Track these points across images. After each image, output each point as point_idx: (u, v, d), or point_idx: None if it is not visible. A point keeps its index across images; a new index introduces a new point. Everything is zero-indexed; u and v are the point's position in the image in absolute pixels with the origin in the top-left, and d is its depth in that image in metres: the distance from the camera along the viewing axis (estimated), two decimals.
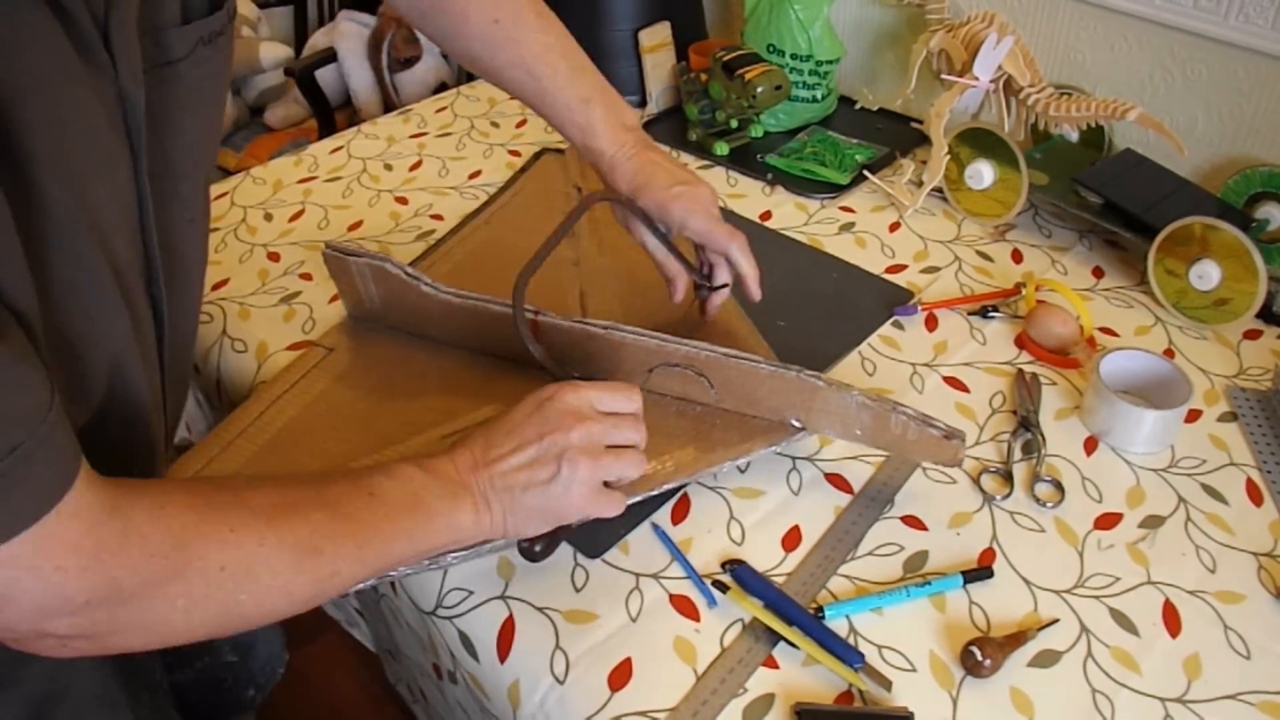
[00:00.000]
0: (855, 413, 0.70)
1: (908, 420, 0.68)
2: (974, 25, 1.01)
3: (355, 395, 0.81)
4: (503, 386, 0.80)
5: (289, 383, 0.82)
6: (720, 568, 0.67)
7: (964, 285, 0.94)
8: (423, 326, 0.85)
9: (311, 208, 1.08)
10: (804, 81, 1.18)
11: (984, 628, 0.63)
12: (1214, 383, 0.82)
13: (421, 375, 0.82)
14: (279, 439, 0.77)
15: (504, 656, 0.63)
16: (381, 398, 0.81)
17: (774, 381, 0.72)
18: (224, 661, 0.88)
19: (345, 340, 0.87)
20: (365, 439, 0.76)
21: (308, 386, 0.82)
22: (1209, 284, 0.86)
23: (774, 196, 1.09)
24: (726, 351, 0.73)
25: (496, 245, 1.00)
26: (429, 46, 1.88)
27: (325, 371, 0.84)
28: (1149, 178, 0.97)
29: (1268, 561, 0.67)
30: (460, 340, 0.84)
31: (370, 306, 0.86)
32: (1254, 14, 0.91)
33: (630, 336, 0.74)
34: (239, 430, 0.78)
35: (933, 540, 0.69)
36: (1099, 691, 0.60)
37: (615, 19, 1.24)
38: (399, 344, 0.85)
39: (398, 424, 0.78)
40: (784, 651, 0.62)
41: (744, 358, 0.72)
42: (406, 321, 0.85)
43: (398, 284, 0.80)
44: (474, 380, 0.82)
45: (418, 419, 0.78)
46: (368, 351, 0.86)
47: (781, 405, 0.73)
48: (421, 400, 0.80)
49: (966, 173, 1.01)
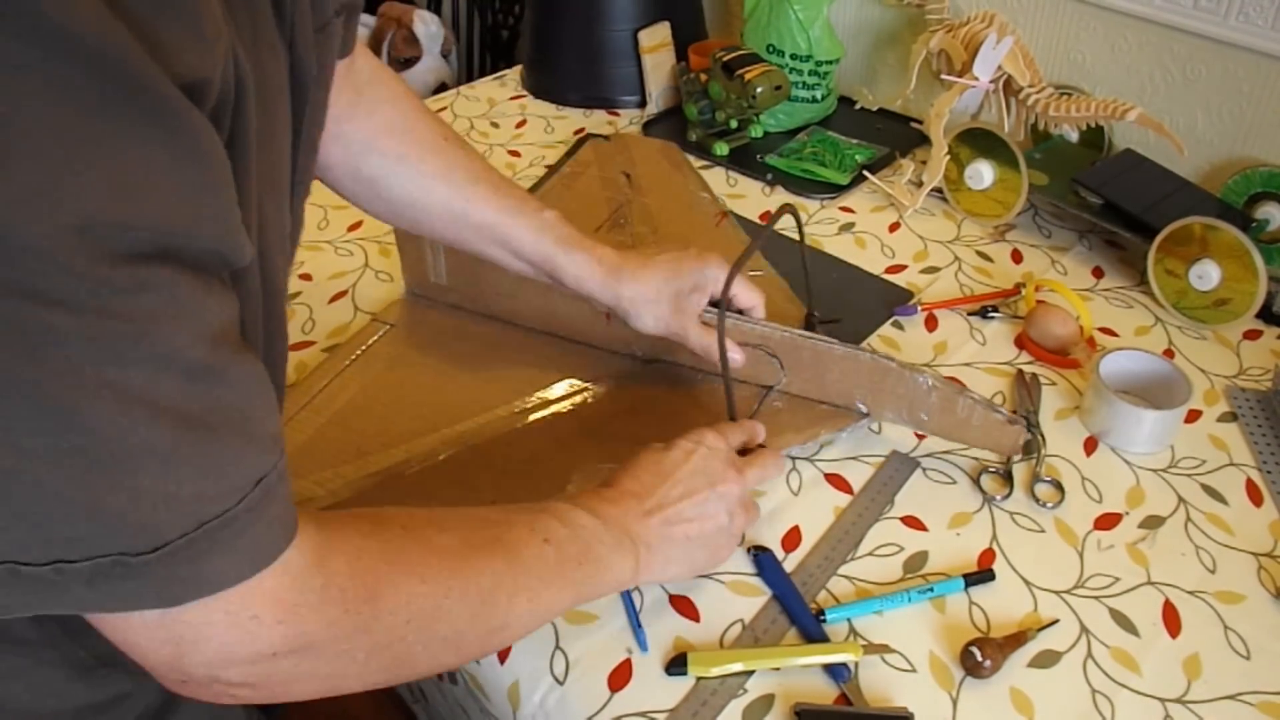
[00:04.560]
0: (924, 396, 0.71)
1: (974, 404, 0.69)
2: (974, 25, 1.01)
3: (419, 370, 0.81)
4: (568, 364, 0.81)
5: (349, 357, 0.82)
6: (746, 552, 0.68)
7: (964, 285, 0.94)
8: (487, 302, 0.85)
9: (311, 208, 1.08)
10: (804, 82, 1.18)
11: (984, 628, 0.63)
12: (1214, 383, 0.82)
13: (484, 351, 0.83)
14: (344, 413, 0.77)
15: (504, 657, 0.63)
16: (447, 373, 0.81)
17: (846, 363, 0.72)
18: None
19: (406, 316, 0.87)
20: (432, 414, 0.76)
21: (370, 361, 0.82)
22: (1209, 284, 0.86)
23: (774, 196, 1.09)
24: (800, 332, 0.73)
25: None
26: (429, 46, 1.88)
27: (387, 346, 0.84)
28: (1149, 178, 0.97)
29: (1268, 561, 0.67)
30: (525, 318, 0.84)
31: (435, 281, 0.86)
32: (1254, 14, 0.91)
33: (706, 315, 0.75)
34: (301, 404, 0.78)
35: (933, 541, 0.69)
36: (1099, 692, 0.60)
37: (615, 19, 1.24)
38: (459, 320, 0.86)
39: (465, 399, 0.78)
40: None
41: (817, 339, 0.73)
42: (471, 297, 0.85)
43: (468, 256, 0.80)
44: (539, 357, 0.82)
45: (485, 395, 0.78)
46: (428, 327, 0.86)
47: (850, 388, 0.74)
48: (488, 375, 0.80)
49: (966, 173, 1.01)
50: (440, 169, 0.71)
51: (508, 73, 1.39)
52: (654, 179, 1.09)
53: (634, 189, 1.06)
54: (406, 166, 0.70)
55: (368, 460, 0.74)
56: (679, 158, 1.14)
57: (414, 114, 0.72)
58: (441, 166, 0.71)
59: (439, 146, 0.72)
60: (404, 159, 0.70)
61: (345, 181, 0.71)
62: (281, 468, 0.40)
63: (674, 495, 0.60)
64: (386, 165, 0.70)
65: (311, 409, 0.77)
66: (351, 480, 0.72)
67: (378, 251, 1.00)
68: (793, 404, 0.76)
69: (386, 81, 0.71)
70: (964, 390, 0.70)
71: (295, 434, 0.75)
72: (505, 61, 1.99)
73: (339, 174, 0.71)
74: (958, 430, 0.72)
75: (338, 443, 0.75)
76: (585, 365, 0.75)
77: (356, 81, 0.68)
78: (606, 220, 1.01)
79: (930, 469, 0.74)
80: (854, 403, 0.74)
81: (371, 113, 0.69)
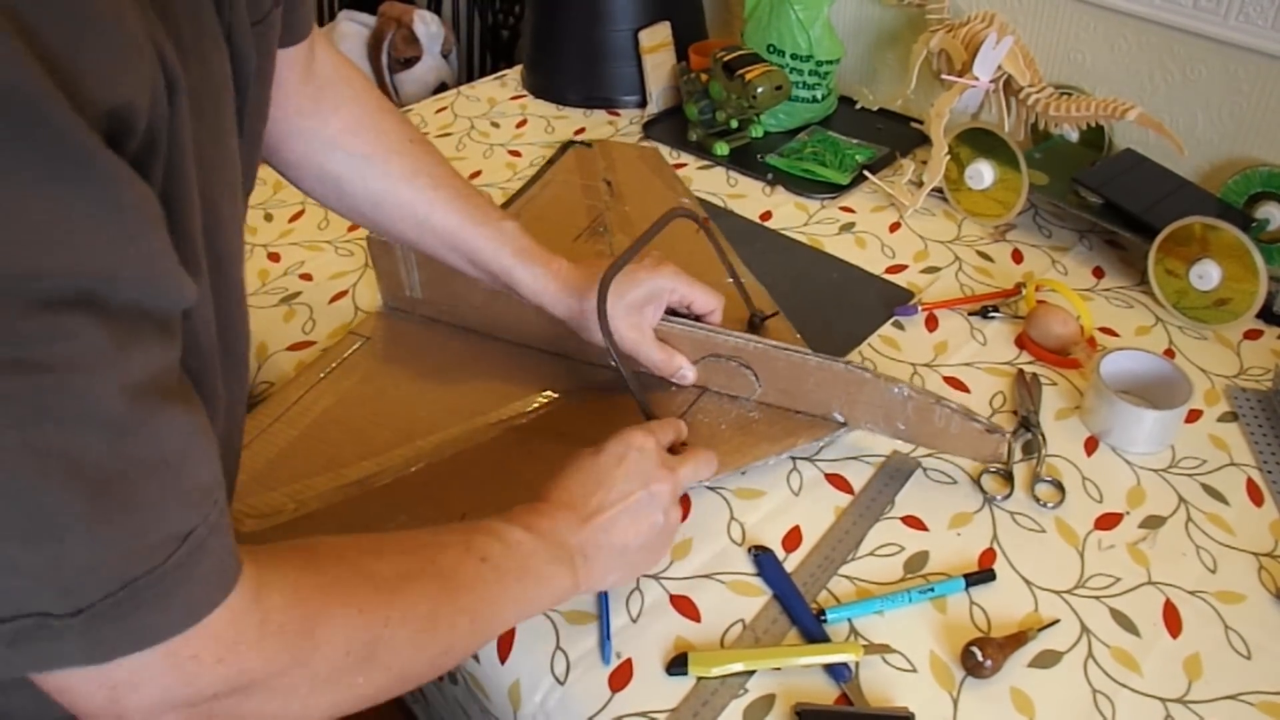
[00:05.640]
0: (900, 405, 0.70)
1: (951, 414, 0.69)
2: (974, 25, 1.01)
3: (393, 382, 0.81)
4: (542, 375, 0.81)
5: (324, 369, 0.83)
6: (747, 552, 0.68)
7: (964, 285, 0.94)
8: (462, 315, 0.85)
9: (311, 208, 1.08)
10: (804, 81, 1.18)
11: (984, 628, 0.63)
12: (1214, 383, 0.82)
13: (460, 364, 0.83)
14: (316, 425, 0.77)
15: (504, 657, 0.63)
16: (421, 385, 0.81)
17: (820, 374, 0.72)
18: None
19: (381, 329, 0.87)
20: (405, 426, 0.76)
21: (345, 373, 0.82)
22: (1209, 284, 0.86)
23: (774, 197, 1.09)
24: (774, 344, 0.73)
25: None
26: (429, 46, 1.88)
27: (362, 359, 0.84)
28: (1149, 178, 0.97)
29: (1268, 561, 0.67)
30: (499, 330, 0.84)
31: (410, 295, 0.86)
32: (1254, 14, 0.91)
33: (679, 327, 0.75)
34: (275, 415, 0.78)
35: (933, 541, 0.69)
36: (1099, 692, 0.60)
37: (615, 19, 1.24)
38: (435, 334, 0.86)
39: (438, 411, 0.78)
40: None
41: (791, 350, 0.73)
42: (446, 311, 0.85)
43: (442, 270, 0.80)
44: (513, 369, 0.82)
45: (458, 406, 0.78)
46: (404, 340, 0.86)
47: (826, 398, 0.73)
48: (462, 388, 0.80)
49: (966, 173, 1.01)
50: (404, 171, 0.71)
51: (508, 73, 1.39)
52: (634, 186, 1.09)
53: (614, 197, 1.06)
54: (370, 167, 0.70)
55: (340, 472, 0.73)
56: (658, 162, 1.14)
57: (379, 113, 0.71)
58: (406, 169, 0.71)
59: (404, 149, 0.71)
60: (369, 159, 0.69)
61: (308, 179, 0.71)
62: (214, 519, 0.39)
63: (608, 501, 0.60)
64: (350, 164, 0.69)
65: (285, 421, 0.77)
66: (322, 492, 0.72)
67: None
68: (769, 414, 0.76)
69: (349, 79, 0.70)
70: (941, 399, 0.69)
71: (268, 446, 0.75)
72: (505, 61, 1.99)
73: (302, 172, 0.70)
74: (936, 439, 0.72)
75: (311, 455, 0.75)
76: (560, 376, 0.74)
77: (318, 77, 0.68)
78: (586, 229, 1.01)
79: (931, 469, 0.74)
80: (831, 413, 0.74)
81: (336, 109, 0.69)
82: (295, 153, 0.69)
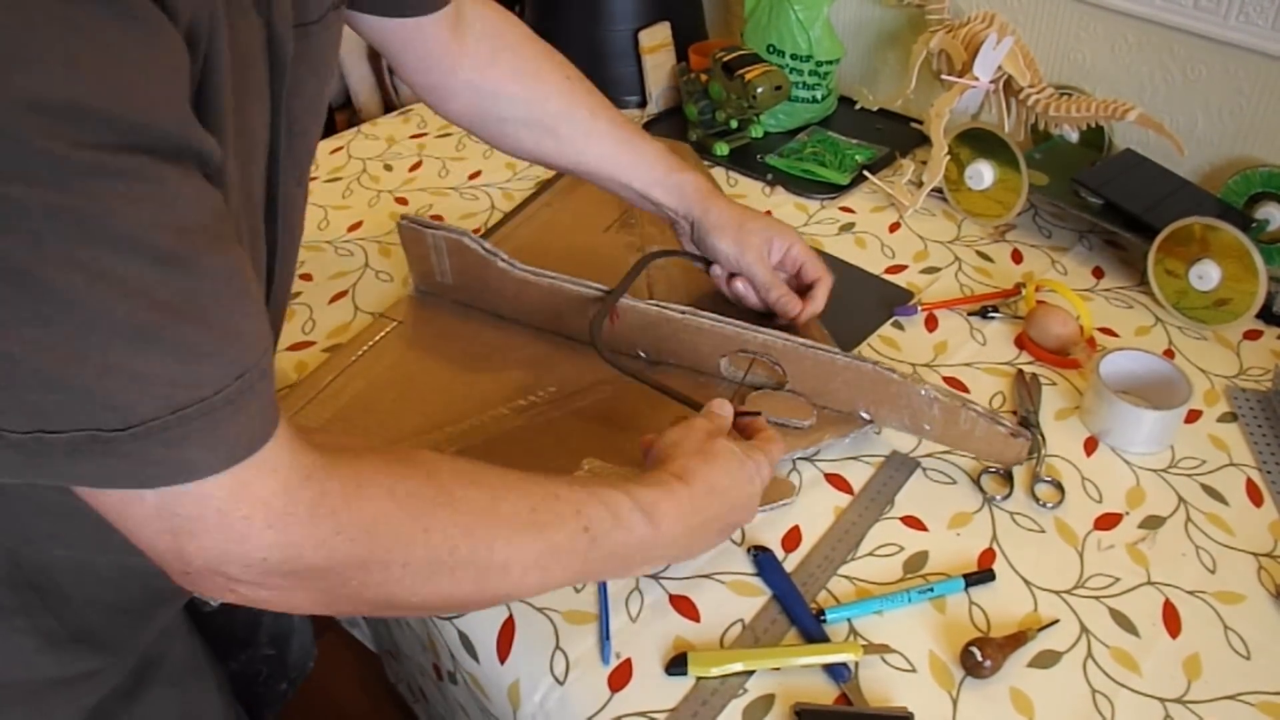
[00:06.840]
0: (926, 407, 0.71)
1: (977, 416, 0.69)
2: (974, 25, 1.01)
3: (425, 367, 0.82)
4: (572, 363, 0.81)
5: (356, 353, 0.83)
6: (746, 552, 0.68)
7: (964, 285, 0.94)
8: (493, 302, 0.85)
9: (311, 208, 1.08)
10: (804, 82, 1.18)
11: (984, 628, 0.63)
12: (1214, 383, 0.82)
13: (491, 350, 0.83)
14: (348, 408, 0.77)
15: (504, 657, 0.63)
16: (453, 370, 0.81)
17: (848, 373, 0.72)
18: (262, 655, 0.87)
19: (413, 313, 0.88)
20: (437, 411, 0.77)
21: (376, 357, 0.83)
22: (1209, 284, 0.86)
23: (774, 197, 1.09)
24: (803, 341, 0.73)
25: (559, 227, 1.01)
26: None
27: (394, 343, 0.84)
28: (1149, 178, 0.97)
29: (1268, 562, 0.67)
30: (530, 318, 0.84)
31: (441, 281, 0.87)
32: (1254, 14, 0.91)
33: (708, 322, 0.75)
34: (307, 398, 0.78)
35: (933, 541, 0.69)
36: (1099, 692, 0.60)
37: (615, 19, 1.24)
38: (466, 319, 0.86)
39: (469, 396, 0.78)
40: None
41: (820, 348, 0.73)
42: (476, 297, 0.86)
43: (473, 258, 0.80)
44: (544, 356, 0.82)
45: (490, 392, 0.78)
46: (436, 325, 0.86)
47: (853, 397, 0.74)
48: (493, 374, 0.81)
49: (966, 173, 1.01)
50: (563, 108, 0.78)
51: None
52: None
53: None
54: (530, 109, 0.77)
55: None
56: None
57: (536, 58, 0.78)
58: (563, 107, 0.78)
59: (561, 87, 0.79)
60: (529, 103, 0.77)
61: (476, 127, 0.79)
62: (264, 366, 0.40)
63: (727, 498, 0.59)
64: (514, 108, 0.77)
65: (317, 403, 0.77)
66: None
67: (378, 251, 1.00)
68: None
69: (502, 32, 0.77)
70: (967, 403, 0.70)
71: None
72: None
73: (474, 123, 0.78)
74: (961, 441, 0.72)
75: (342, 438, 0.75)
76: (590, 364, 0.75)
77: (471, 33, 0.74)
78: (616, 220, 1.01)
79: (930, 469, 0.74)
80: (858, 410, 0.74)
81: (493, 61, 0.76)
82: (466, 105, 0.76)
